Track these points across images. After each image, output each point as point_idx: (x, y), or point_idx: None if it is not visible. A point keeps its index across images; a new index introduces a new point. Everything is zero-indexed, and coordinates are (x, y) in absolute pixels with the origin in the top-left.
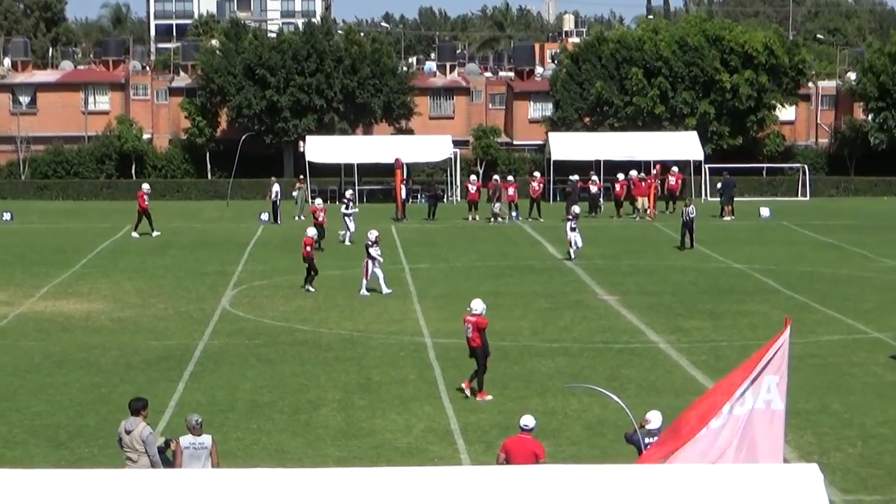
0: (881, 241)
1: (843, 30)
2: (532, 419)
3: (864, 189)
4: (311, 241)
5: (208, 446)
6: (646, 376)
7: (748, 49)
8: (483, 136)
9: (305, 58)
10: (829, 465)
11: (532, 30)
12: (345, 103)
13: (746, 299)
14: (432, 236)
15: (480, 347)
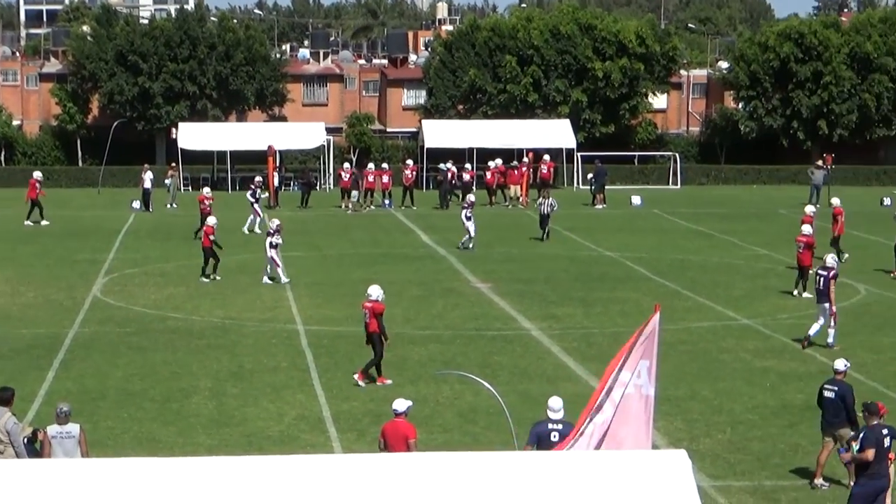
0: (750, 229)
1: (714, 19)
2: (403, 403)
3: (734, 177)
4: (212, 231)
5: (76, 435)
6: (518, 363)
7: (620, 38)
8: (356, 123)
9: (178, 44)
10: (698, 451)
11: (406, 18)
12: (218, 90)
13: (618, 287)
14: (305, 224)
15: (377, 333)
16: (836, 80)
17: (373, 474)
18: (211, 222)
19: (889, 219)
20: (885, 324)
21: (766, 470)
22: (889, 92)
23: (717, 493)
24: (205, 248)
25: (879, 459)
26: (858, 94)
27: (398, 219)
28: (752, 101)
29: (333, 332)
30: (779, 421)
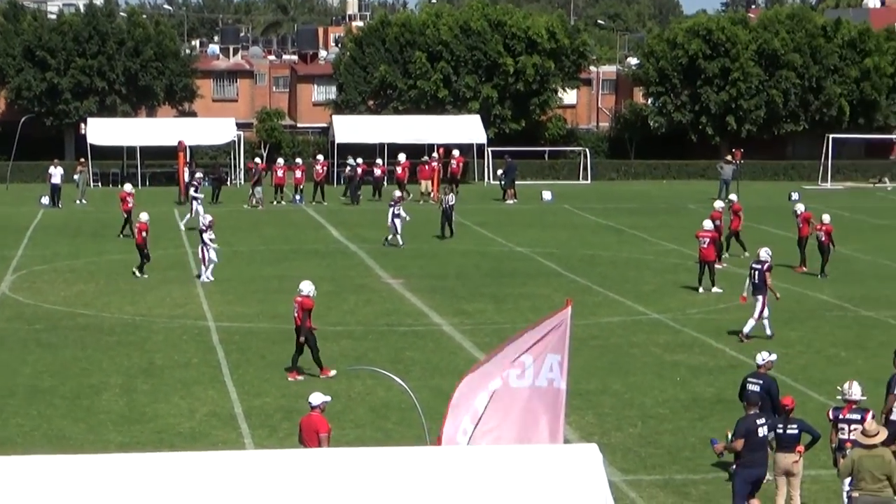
0: (660, 224)
1: (623, 15)
2: (318, 397)
3: (643, 172)
4: (145, 227)
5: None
6: (429, 358)
7: (531, 33)
8: (267, 118)
9: (87, 39)
10: (609, 444)
11: (316, 13)
12: (127, 86)
13: (529, 282)
14: (215, 220)
15: (305, 327)
16: (744, 77)
17: (284, 470)
18: (143, 218)
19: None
20: (793, 318)
21: (676, 463)
22: (796, 88)
23: (628, 487)
24: (138, 245)
25: (752, 448)
26: (766, 90)
27: (309, 214)
28: (661, 97)
29: (245, 329)
30: (689, 414)
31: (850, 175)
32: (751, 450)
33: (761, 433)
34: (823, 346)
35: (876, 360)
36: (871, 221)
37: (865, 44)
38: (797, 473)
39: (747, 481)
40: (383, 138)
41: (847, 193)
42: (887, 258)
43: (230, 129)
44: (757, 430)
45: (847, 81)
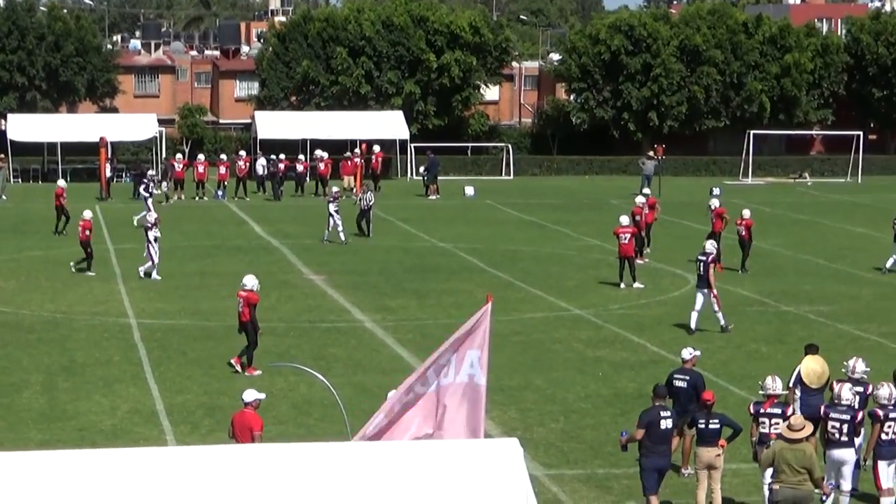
0: (582, 220)
1: (545, 11)
2: (251, 394)
3: (566, 168)
4: (89, 225)
5: None
6: (352, 355)
7: (453, 29)
8: (189, 114)
9: (6, 35)
10: (532, 440)
11: (238, 8)
12: (47, 81)
13: (452, 278)
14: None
15: (249, 322)
16: (666, 73)
17: (206, 466)
18: (87, 216)
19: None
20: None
21: (598, 458)
22: (717, 84)
23: (551, 482)
24: (82, 242)
25: (654, 440)
26: (688, 86)
27: (231, 210)
28: (584, 93)
29: (166, 326)
30: (611, 410)
31: (770, 171)
32: (653, 441)
33: (664, 425)
34: (744, 341)
35: (796, 356)
36: (791, 216)
37: (786, 40)
38: (719, 467)
39: (652, 472)
40: (306, 134)
41: (767, 189)
42: (807, 253)
43: (152, 125)
44: (660, 421)
45: (768, 77)
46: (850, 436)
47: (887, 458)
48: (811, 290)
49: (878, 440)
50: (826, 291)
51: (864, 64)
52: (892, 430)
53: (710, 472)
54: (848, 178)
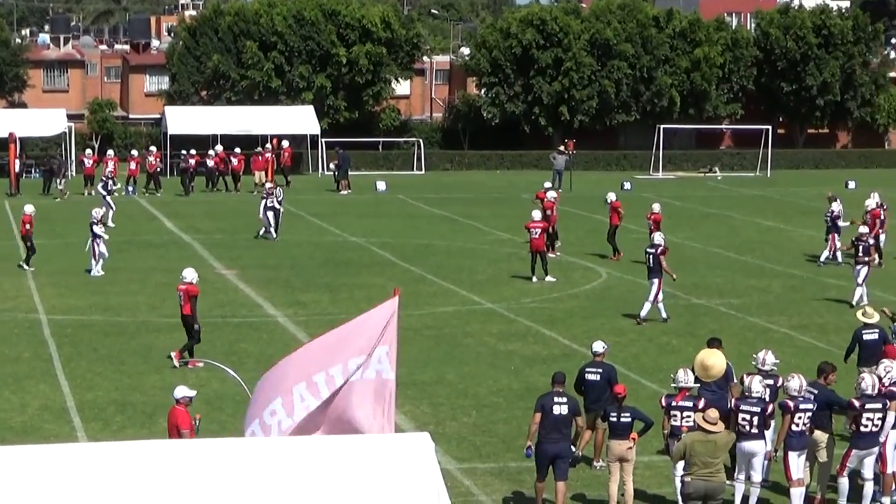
0: (493, 214)
1: (456, 5)
2: (180, 390)
3: (477, 163)
4: (29, 220)
5: None
6: (264, 350)
7: (365, 23)
8: (98, 109)
9: None
10: (444, 434)
11: (148, 3)
12: None
13: (363, 272)
14: (48, 211)
15: (191, 316)
16: (577, 67)
17: (116, 462)
18: (28, 210)
19: (628, 204)
20: (626, 307)
21: (511, 451)
22: (628, 78)
23: (463, 476)
24: (23, 237)
25: (546, 425)
26: (598, 80)
27: (142, 205)
28: (495, 88)
29: (77, 322)
30: (523, 403)
31: (680, 165)
32: (545, 427)
33: (556, 411)
34: (655, 334)
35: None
36: (701, 210)
37: (696, 34)
38: (630, 460)
39: (543, 458)
40: (216, 129)
41: (678, 183)
42: (717, 246)
43: (61, 120)
44: (552, 406)
45: (678, 72)
46: (760, 428)
47: (797, 448)
48: (721, 283)
49: (789, 431)
50: (736, 284)
51: (773, 58)
52: (801, 422)
53: (622, 465)
54: (757, 171)
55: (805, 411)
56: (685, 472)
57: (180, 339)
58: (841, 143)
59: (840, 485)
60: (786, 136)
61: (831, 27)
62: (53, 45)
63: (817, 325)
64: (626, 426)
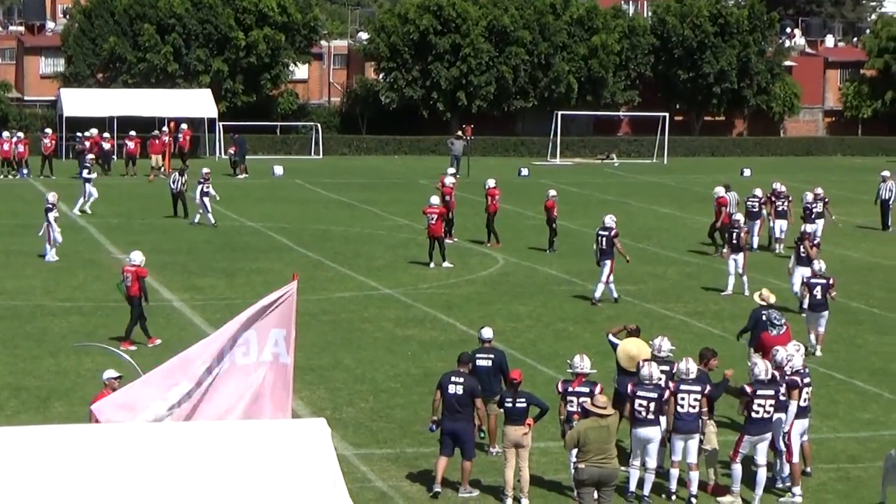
0: (392, 199)
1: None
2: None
3: (375, 148)
4: None
5: None
6: (160, 334)
7: (262, 7)
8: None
9: None
10: (341, 419)
11: None
12: None
13: (260, 257)
14: None
15: (138, 297)
16: (475, 53)
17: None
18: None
19: (525, 190)
20: (522, 293)
21: (407, 437)
22: (525, 65)
23: (360, 461)
24: None
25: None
26: (496, 66)
27: (37, 188)
28: (393, 73)
29: None
30: (420, 389)
31: (578, 151)
32: (444, 404)
33: (451, 390)
34: (552, 319)
35: (603, 334)
36: (598, 196)
37: (593, 21)
38: (526, 445)
39: (444, 435)
40: (113, 112)
41: (575, 169)
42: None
43: None
44: (448, 385)
45: (575, 59)
46: (656, 414)
47: (682, 431)
48: (618, 269)
49: (675, 413)
50: (633, 271)
51: (669, 46)
52: (686, 403)
53: (517, 451)
54: (654, 158)
55: (687, 392)
56: (579, 458)
57: (77, 324)
58: (737, 130)
59: (734, 471)
60: (682, 123)
61: (727, 16)
62: None
63: (712, 312)
64: (521, 412)
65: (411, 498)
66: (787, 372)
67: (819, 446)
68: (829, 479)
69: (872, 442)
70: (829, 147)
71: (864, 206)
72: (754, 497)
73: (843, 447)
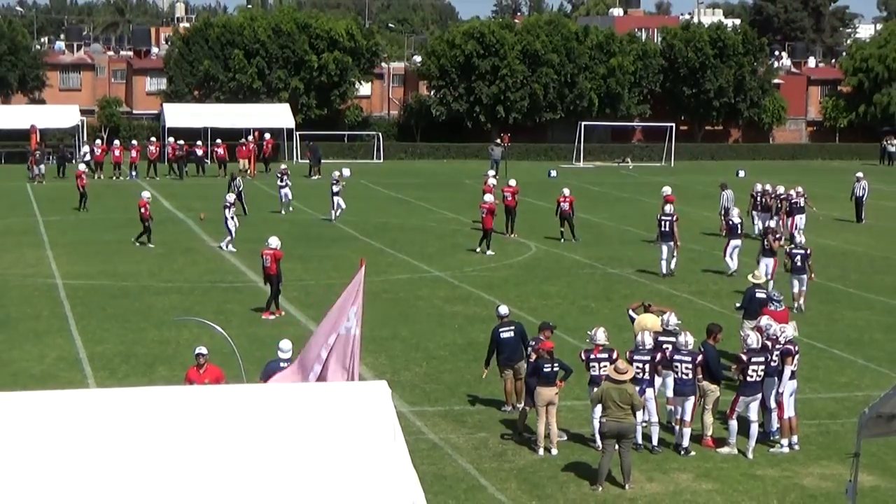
0: (441, 197)
1: (410, 20)
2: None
3: (427, 153)
4: (145, 203)
5: None
6: (247, 310)
7: (332, 34)
8: (107, 106)
9: None
10: (399, 382)
11: (149, 15)
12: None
13: (332, 245)
14: (62, 192)
15: (275, 275)
16: (511, 73)
17: (123, 407)
18: (146, 196)
19: (553, 187)
20: (552, 275)
21: (455, 397)
22: (554, 83)
23: (415, 417)
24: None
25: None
26: (529, 84)
27: (143, 187)
28: (442, 90)
29: (88, 286)
30: (465, 356)
31: (598, 156)
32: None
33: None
34: (577, 298)
35: (620, 310)
36: (615, 194)
37: (611, 46)
38: (556, 403)
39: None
40: (207, 123)
41: (596, 171)
42: (628, 225)
43: (74, 114)
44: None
45: (596, 78)
46: (651, 375)
47: (679, 394)
48: (633, 255)
49: (675, 378)
50: (644, 257)
51: (676, 66)
52: (680, 370)
53: (548, 409)
54: (663, 162)
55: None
56: (602, 414)
57: (176, 301)
58: (733, 138)
59: (730, 426)
60: (687, 132)
61: (725, 40)
62: (68, 50)
63: (712, 291)
64: (553, 375)
65: (458, 447)
66: (780, 342)
67: (803, 405)
68: (811, 433)
69: (848, 401)
70: (811, 152)
71: (841, 202)
72: (748, 448)
73: (823, 406)
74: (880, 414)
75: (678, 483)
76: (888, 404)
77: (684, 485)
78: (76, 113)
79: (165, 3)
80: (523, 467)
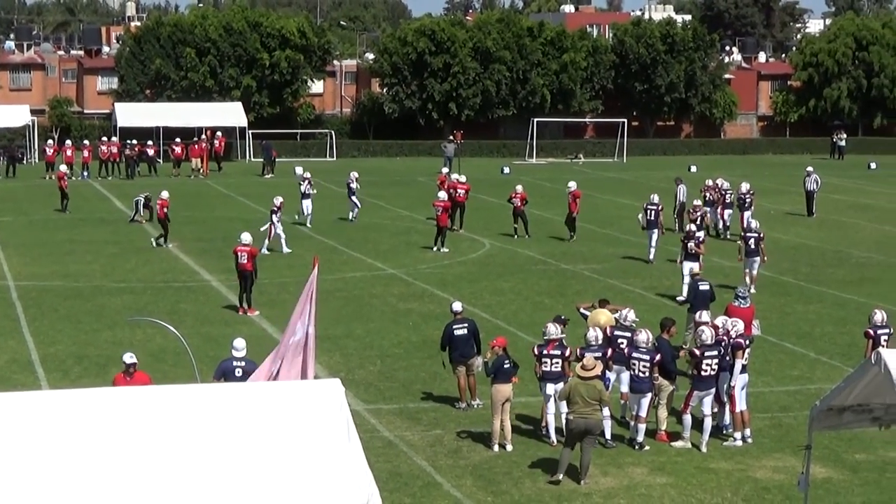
0: (395, 195)
1: (361, 17)
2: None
3: (380, 150)
4: (166, 203)
5: None
6: (200, 309)
7: (284, 32)
8: (57, 105)
9: None
10: (353, 380)
11: (99, 14)
12: None
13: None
14: (13, 192)
15: (250, 271)
16: (463, 70)
17: (75, 408)
18: (165, 196)
19: (506, 185)
20: (506, 271)
21: (409, 395)
22: (506, 79)
23: (370, 415)
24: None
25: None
26: (482, 81)
27: (95, 188)
28: (394, 87)
29: (40, 287)
30: (420, 354)
31: (551, 152)
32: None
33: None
34: (531, 294)
35: (573, 306)
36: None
37: (563, 42)
38: (511, 400)
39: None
40: (159, 122)
41: (549, 168)
42: (582, 221)
43: (24, 114)
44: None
45: (548, 74)
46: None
47: (635, 391)
48: (585, 251)
49: (630, 376)
50: (597, 252)
51: (627, 62)
52: (637, 368)
53: (503, 406)
54: (615, 158)
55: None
56: (569, 410)
57: (129, 301)
58: (685, 133)
59: (684, 420)
60: (639, 127)
61: (675, 36)
62: (18, 50)
63: (664, 286)
64: (510, 371)
65: (413, 445)
66: (732, 336)
67: (755, 399)
68: (764, 426)
69: (800, 394)
70: (762, 147)
71: (792, 196)
72: (702, 441)
73: (776, 399)
74: (831, 407)
75: (633, 477)
76: (839, 397)
77: (639, 479)
78: (26, 113)
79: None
80: (479, 463)
